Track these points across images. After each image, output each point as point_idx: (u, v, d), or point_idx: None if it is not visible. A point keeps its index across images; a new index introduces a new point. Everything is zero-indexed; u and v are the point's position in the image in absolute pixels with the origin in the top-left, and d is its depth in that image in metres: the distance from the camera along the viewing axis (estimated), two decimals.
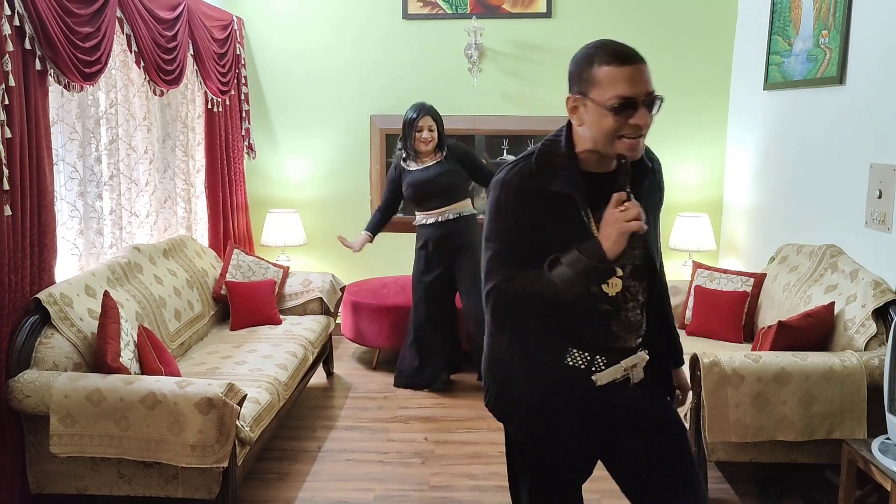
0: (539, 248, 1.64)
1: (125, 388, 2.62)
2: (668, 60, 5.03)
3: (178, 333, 3.62)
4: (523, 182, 1.67)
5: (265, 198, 5.35)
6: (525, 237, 1.66)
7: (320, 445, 3.61)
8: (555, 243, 1.63)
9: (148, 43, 3.57)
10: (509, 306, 1.67)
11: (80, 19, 2.98)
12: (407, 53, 5.13)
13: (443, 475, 3.31)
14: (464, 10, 5.05)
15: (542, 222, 1.65)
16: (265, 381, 3.26)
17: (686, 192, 5.17)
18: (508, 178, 1.69)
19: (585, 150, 1.70)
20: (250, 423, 2.87)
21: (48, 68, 2.83)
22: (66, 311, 2.85)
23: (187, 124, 4.39)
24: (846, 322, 3.08)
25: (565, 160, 1.69)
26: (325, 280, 4.46)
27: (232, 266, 4.26)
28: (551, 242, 1.64)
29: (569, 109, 1.73)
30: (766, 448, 2.93)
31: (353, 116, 5.22)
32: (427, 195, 4.15)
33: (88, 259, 3.40)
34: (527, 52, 5.09)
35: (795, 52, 4.00)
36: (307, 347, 3.86)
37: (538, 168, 1.69)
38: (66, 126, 3.21)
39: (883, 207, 3.14)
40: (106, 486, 2.74)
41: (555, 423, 1.76)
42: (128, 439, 2.61)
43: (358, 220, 5.34)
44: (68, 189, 3.27)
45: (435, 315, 4.26)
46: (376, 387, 4.39)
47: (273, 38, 5.18)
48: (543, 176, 1.67)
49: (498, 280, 1.66)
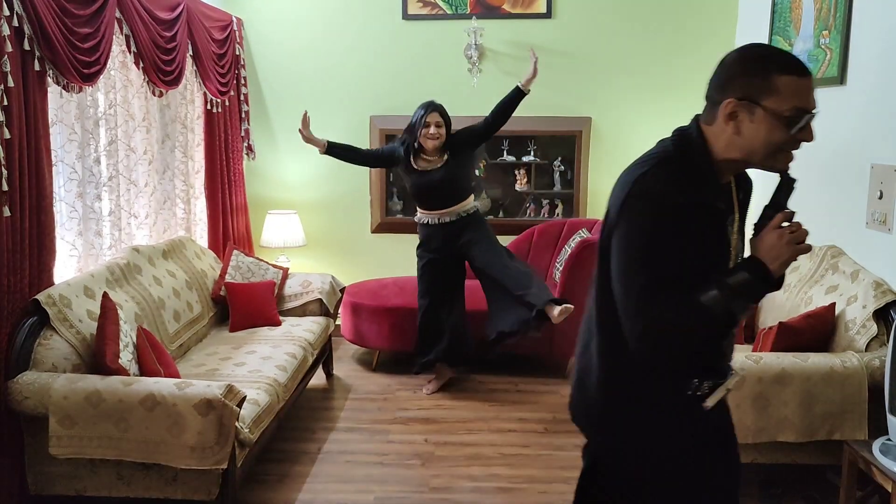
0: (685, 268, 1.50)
1: (124, 389, 2.62)
2: (669, 61, 5.03)
3: (178, 335, 3.62)
4: (670, 195, 1.51)
5: (264, 199, 5.35)
6: (676, 258, 1.50)
7: (320, 447, 3.60)
8: (696, 261, 1.50)
9: (147, 43, 3.56)
10: (670, 344, 1.51)
11: (79, 20, 2.98)
12: (407, 54, 5.13)
13: (443, 477, 3.31)
14: (464, 10, 5.04)
15: (691, 239, 1.50)
16: (264, 383, 3.25)
17: None
18: (654, 190, 1.52)
19: (727, 158, 1.57)
20: (250, 425, 2.86)
21: (47, 69, 2.83)
22: (65, 313, 2.84)
23: (186, 125, 4.38)
24: (847, 323, 3.08)
25: (708, 168, 1.57)
26: (324, 281, 4.46)
27: (231, 267, 4.25)
28: (693, 260, 1.50)
29: (725, 114, 1.55)
30: (767, 449, 2.92)
31: (353, 117, 5.21)
32: (429, 197, 4.13)
33: (87, 260, 3.39)
34: (527, 52, 5.07)
35: (796, 52, 4.00)
36: (307, 349, 3.86)
37: (682, 177, 1.54)
38: (65, 127, 3.20)
39: (884, 208, 3.13)
40: (105, 487, 2.73)
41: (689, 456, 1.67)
42: (127, 441, 2.60)
43: (358, 220, 5.36)
44: (67, 190, 3.26)
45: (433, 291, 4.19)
46: (376, 388, 4.38)
47: (272, 38, 5.18)
48: (688, 186, 1.52)
49: (654, 315, 1.48)
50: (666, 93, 5.05)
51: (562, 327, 4.47)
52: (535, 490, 3.19)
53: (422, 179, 4.09)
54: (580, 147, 5.11)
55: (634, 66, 5.06)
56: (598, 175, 5.15)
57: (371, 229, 5.35)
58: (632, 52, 5.05)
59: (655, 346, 1.52)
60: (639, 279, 1.51)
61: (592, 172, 5.16)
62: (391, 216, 5.35)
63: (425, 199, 4.15)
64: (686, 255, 1.49)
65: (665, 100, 5.05)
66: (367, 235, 5.36)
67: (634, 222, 1.52)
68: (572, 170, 5.18)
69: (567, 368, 4.62)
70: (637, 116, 5.09)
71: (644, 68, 5.06)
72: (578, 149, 5.12)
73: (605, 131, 5.14)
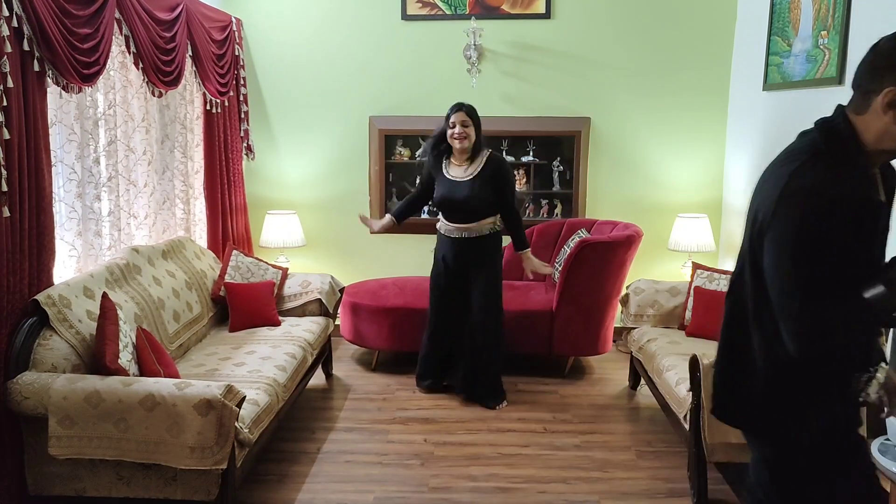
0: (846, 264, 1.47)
1: (124, 389, 2.62)
2: (668, 61, 5.04)
3: (177, 335, 3.62)
4: (829, 189, 1.46)
5: (264, 199, 5.35)
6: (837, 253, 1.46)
7: (319, 447, 3.60)
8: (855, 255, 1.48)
9: (146, 44, 3.56)
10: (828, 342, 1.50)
11: (79, 20, 2.98)
12: (406, 54, 5.13)
13: (442, 477, 3.31)
14: (463, 10, 5.04)
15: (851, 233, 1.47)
16: (264, 383, 3.25)
17: (685, 192, 5.17)
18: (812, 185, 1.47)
19: (880, 149, 1.53)
20: (249, 425, 2.86)
21: (46, 70, 2.83)
22: (64, 313, 2.84)
23: (186, 125, 4.38)
24: None
25: (862, 160, 1.53)
26: (324, 281, 4.46)
27: (231, 267, 4.25)
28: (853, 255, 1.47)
29: (885, 103, 1.49)
30: None
31: (352, 117, 5.22)
32: (453, 209, 4.02)
33: (87, 260, 3.39)
34: (526, 52, 5.09)
35: (795, 52, 4.00)
36: (306, 349, 3.86)
37: (837, 169, 1.50)
38: (65, 127, 3.20)
39: None
40: (105, 487, 2.73)
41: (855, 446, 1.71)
42: (126, 441, 2.60)
43: (357, 220, 5.34)
44: (67, 190, 3.26)
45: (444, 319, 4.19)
46: (376, 388, 4.38)
47: (272, 39, 5.18)
48: (845, 179, 1.49)
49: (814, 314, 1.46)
50: (665, 93, 5.05)
51: (561, 327, 4.48)
52: (534, 490, 3.19)
53: (449, 189, 3.99)
54: (579, 147, 5.12)
55: (633, 66, 5.07)
56: (597, 175, 5.15)
57: (370, 230, 5.34)
58: (631, 52, 5.06)
59: (813, 344, 1.49)
60: (799, 277, 1.46)
61: (591, 172, 5.16)
62: None
63: (449, 210, 4.05)
64: (847, 250, 1.45)
65: (664, 100, 5.05)
66: (366, 236, 5.35)
67: (792, 219, 1.47)
68: (571, 170, 5.18)
69: (566, 368, 4.63)
70: (636, 117, 5.10)
71: (643, 69, 5.06)
72: (577, 149, 5.12)
73: (603, 131, 5.14)
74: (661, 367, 3.52)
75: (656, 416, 3.97)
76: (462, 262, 4.05)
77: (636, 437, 3.74)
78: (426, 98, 5.15)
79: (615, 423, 3.93)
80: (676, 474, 3.33)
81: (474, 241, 4.02)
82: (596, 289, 4.41)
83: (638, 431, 3.83)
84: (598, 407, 4.14)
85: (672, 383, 3.34)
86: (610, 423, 3.92)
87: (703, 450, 2.94)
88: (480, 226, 4.00)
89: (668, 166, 5.13)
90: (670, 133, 5.09)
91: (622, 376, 4.60)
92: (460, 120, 3.92)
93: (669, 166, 5.13)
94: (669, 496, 3.14)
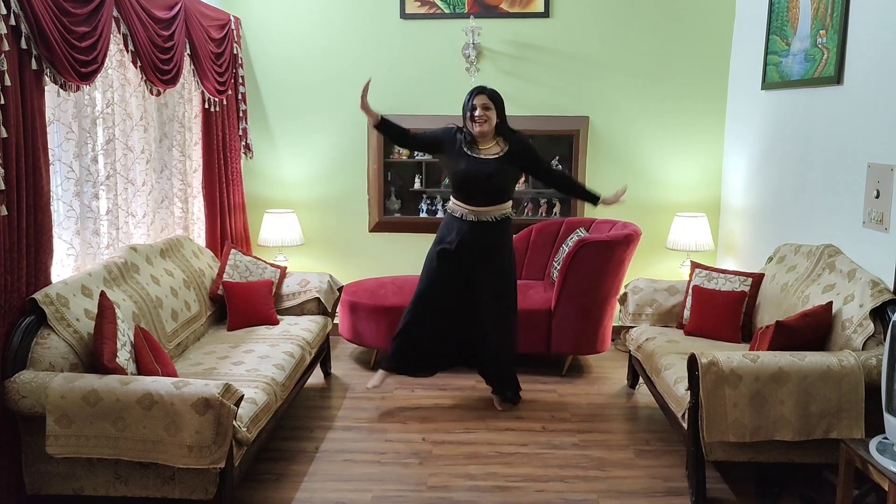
0: None
1: (122, 388, 2.61)
2: (667, 60, 5.04)
3: (175, 334, 3.62)
4: None
5: (262, 198, 5.34)
6: None
7: (318, 446, 3.60)
8: None
9: (145, 42, 3.56)
10: None
11: (77, 19, 2.97)
12: (405, 53, 5.13)
13: (440, 475, 3.31)
14: (461, 9, 5.04)
15: None
16: (262, 382, 3.25)
17: (684, 192, 5.17)
18: None
19: None
20: (247, 424, 2.86)
21: (44, 68, 2.82)
22: (62, 312, 2.84)
23: (184, 124, 4.38)
24: (844, 322, 3.08)
25: None
26: (322, 280, 4.46)
27: (229, 266, 4.25)
28: None
29: None
30: (763, 448, 2.93)
31: (351, 116, 5.20)
32: (474, 191, 3.84)
33: (85, 259, 3.39)
34: (525, 51, 5.09)
35: (793, 51, 4.00)
36: (304, 348, 3.86)
37: None
38: (63, 126, 3.20)
39: (880, 207, 3.14)
40: (102, 486, 2.73)
41: None
42: (124, 440, 2.60)
43: (356, 219, 5.36)
44: (65, 189, 3.26)
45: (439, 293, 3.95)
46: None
47: (270, 37, 5.17)
48: None
49: None
50: (663, 92, 5.05)
51: (559, 326, 4.48)
52: (533, 489, 3.19)
53: (474, 166, 3.80)
54: (578, 146, 5.12)
55: (632, 65, 5.07)
56: (596, 174, 5.15)
57: (369, 228, 5.35)
58: (629, 51, 5.06)
59: None
60: None
61: (590, 172, 5.16)
62: (389, 215, 5.35)
63: (470, 191, 3.85)
64: None
65: (662, 99, 5.05)
66: (364, 234, 5.37)
67: None
68: (570, 169, 5.18)
69: (564, 367, 4.63)
70: (634, 116, 5.10)
71: (641, 68, 5.06)
72: (576, 148, 5.12)
73: (602, 131, 5.14)
74: (660, 366, 3.52)
75: (655, 414, 3.97)
76: (470, 247, 3.86)
77: (634, 436, 3.74)
78: (425, 97, 5.15)
79: (613, 422, 3.93)
80: (675, 473, 3.33)
81: (493, 224, 3.86)
82: (594, 288, 4.41)
83: (636, 430, 3.83)
84: (597, 406, 4.14)
85: (670, 382, 3.34)
86: (608, 422, 3.92)
87: (702, 448, 2.94)
88: (500, 209, 3.86)
89: (666, 165, 5.13)
90: (669, 132, 5.09)
91: (620, 375, 4.60)
92: (481, 103, 3.78)
93: (668, 165, 5.13)
94: (668, 495, 3.15)
